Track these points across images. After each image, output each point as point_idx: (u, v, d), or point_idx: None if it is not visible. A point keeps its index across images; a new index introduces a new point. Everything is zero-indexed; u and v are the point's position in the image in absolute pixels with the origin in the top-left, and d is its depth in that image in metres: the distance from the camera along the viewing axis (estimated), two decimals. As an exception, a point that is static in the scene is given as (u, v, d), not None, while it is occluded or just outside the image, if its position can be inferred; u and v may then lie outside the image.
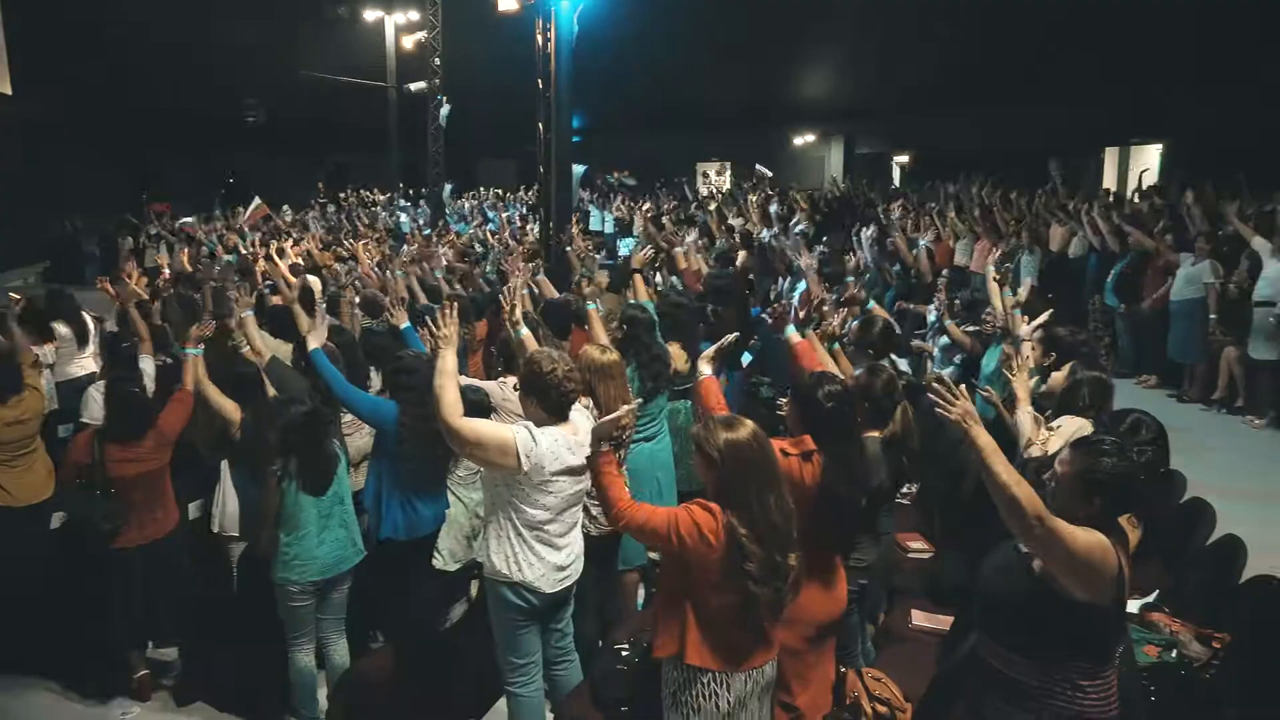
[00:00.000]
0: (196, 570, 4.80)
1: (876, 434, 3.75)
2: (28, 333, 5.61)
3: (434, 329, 3.56)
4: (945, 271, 8.69)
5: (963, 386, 2.81)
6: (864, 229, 11.14)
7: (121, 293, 6.49)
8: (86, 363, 6.53)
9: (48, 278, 17.77)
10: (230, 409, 4.48)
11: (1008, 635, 2.61)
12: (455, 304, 3.83)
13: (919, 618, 4.16)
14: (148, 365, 5.49)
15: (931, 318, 7.17)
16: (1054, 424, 3.93)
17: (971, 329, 6.25)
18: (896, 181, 22.69)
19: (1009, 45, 16.92)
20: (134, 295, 6.43)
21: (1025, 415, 4.00)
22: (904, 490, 5.13)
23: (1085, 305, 9.83)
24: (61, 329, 6.53)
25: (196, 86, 19.73)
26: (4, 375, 4.71)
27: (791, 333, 4.41)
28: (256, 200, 15.39)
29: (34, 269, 19.59)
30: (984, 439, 2.52)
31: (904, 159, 23.99)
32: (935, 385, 2.69)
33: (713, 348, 3.82)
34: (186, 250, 11.30)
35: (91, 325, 6.67)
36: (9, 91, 15.80)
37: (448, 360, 3.38)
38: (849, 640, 3.85)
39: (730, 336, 3.99)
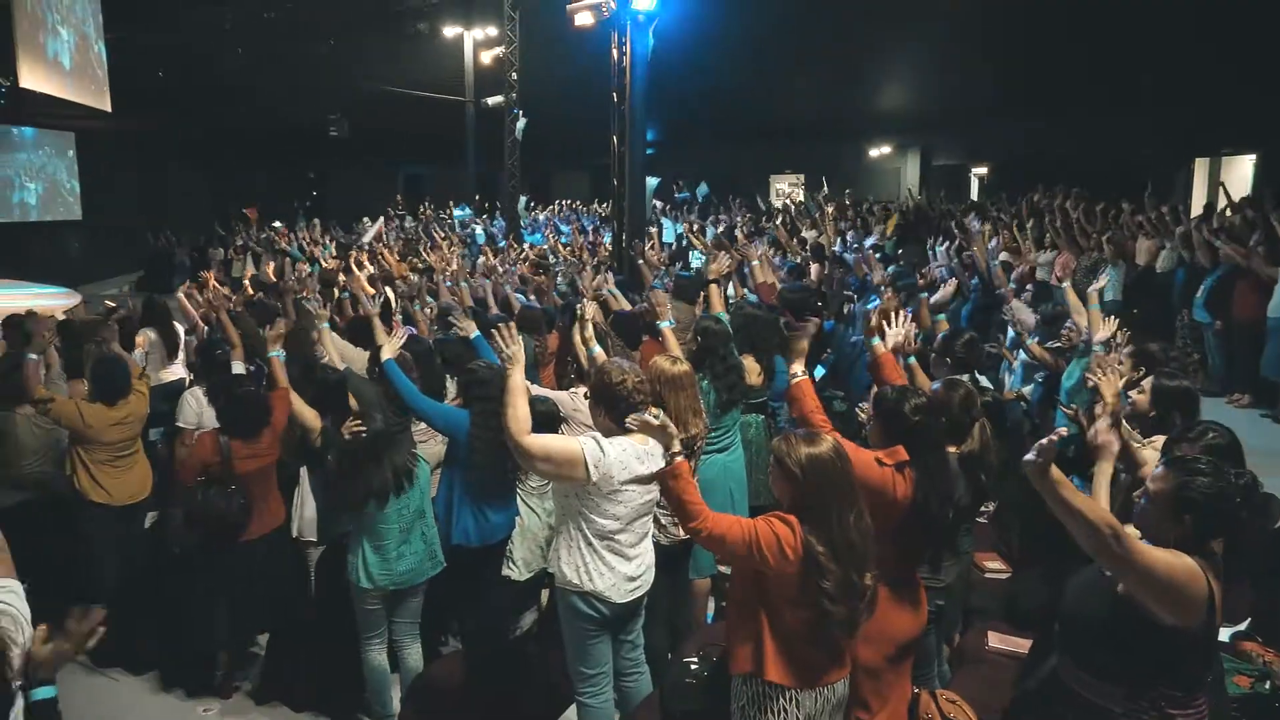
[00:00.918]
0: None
1: (953, 450, 3.68)
2: (121, 340, 5.86)
3: (500, 346, 3.61)
4: (1029, 286, 8.49)
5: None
6: (941, 242, 10.95)
7: (211, 299, 6.73)
8: (176, 369, 6.75)
9: (141, 287, 18.51)
10: (311, 416, 4.60)
11: (1092, 659, 2.53)
12: (515, 323, 3.89)
13: (996, 640, 4.06)
14: (238, 369, 5.68)
15: (1010, 334, 7.01)
16: (1148, 441, 3.81)
17: (1053, 345, 6.09)
18: (975, 194, 22.27)
19: (1093, 53, 16.49)
20: (224, 302, 6.66)
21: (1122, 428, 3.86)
22: (982, 509, 5.02)
23: (1173, 321, 9.52)
24: (152, 336, 6.78)
25: (282, 101, 20.37)
26: (112, 378, 4.91)
27: (877, 343, 4.36)
28: (380, 221, 15.96)
29: (129, 278, 20.42)
30: (1056, 471, 2.45)
31: (983, 170, 23.53)
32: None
33: (802, 334, 3.76)
34: (272, 262, 11.64)
35: (181, 333, 6.90)
36: (108, 109, 16.50)
37: (515, 377, 3.45)
38: (925, 660, 3.78)
39: (812, 325, 3.92)
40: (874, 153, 25.20)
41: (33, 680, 2.29)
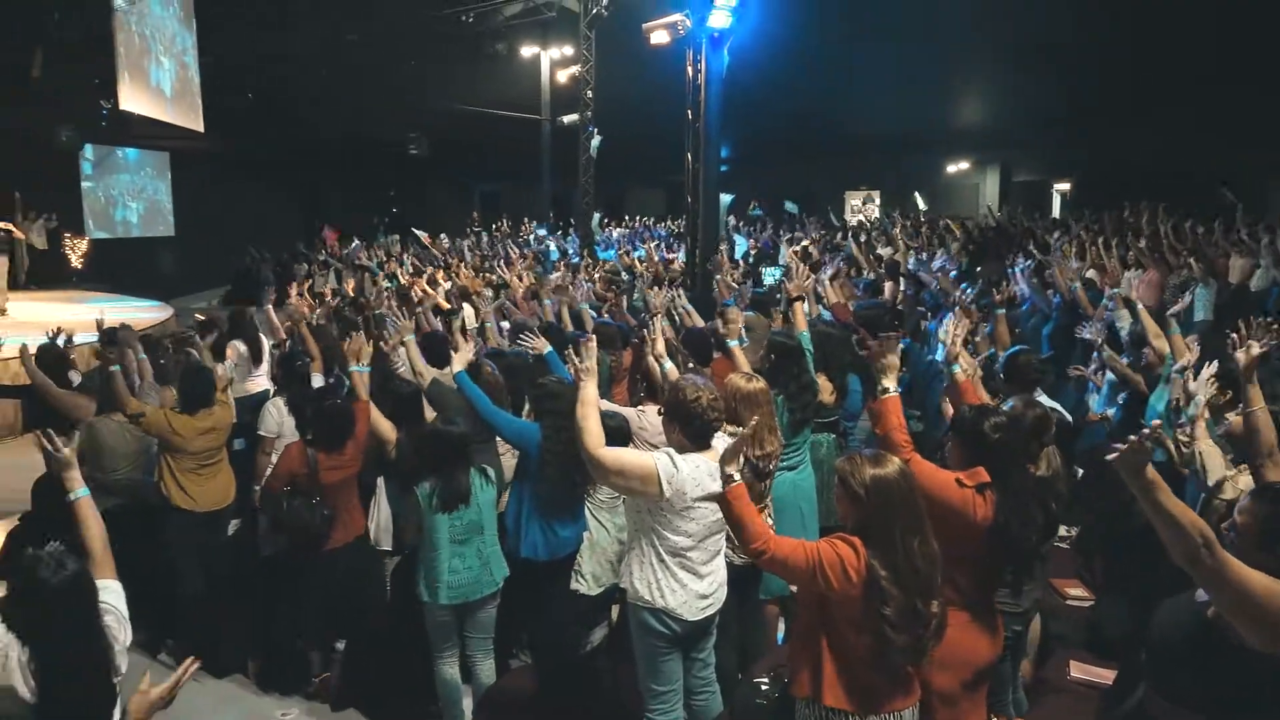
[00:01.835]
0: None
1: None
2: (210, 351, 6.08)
3: (575, 360, 3.64)
4: (1108, 304, 8.23)
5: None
6: (1021, 260, 10.70)
7: (294, 313, 6.93)
8: (261, 381, 6.95)
9: (228, 301, 19.15)
10: (387, 428, 4.70)
11: (1180, 689, 2.43)
12: (594, 338, 3.91)
13: (1078, 669, 3.95)
14: (317, 382, 5.83)
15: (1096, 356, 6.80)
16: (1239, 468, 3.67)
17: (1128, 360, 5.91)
18: (1057, 210, 21.74)
19: (1183, 62, 16.00)
20: (304, 316, 6.85)
21: (1211, 449, 3.73)
22: (1063, 534, 4.88)
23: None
24: (240, 349, 7.00)
25: (365, 120, 20.93)
26: (198, 388, 5.08)
27: (957, 369, 4.26)
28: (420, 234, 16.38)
29: (217, 292, 21.15)
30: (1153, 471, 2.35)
31: (1065, 186, 22.97)
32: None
33: (888, 347, 3.68)
34: (352, 279, 11.93)
35: (267, 346, 7.11)
36: (201, 129, 17.16)
37: (589, 391, 3.46)
38: (999, 687, 3.68)
39: (895, 339, 3.84)
40: (952, 168, 24.82)
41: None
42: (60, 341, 6.21)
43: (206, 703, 4.75)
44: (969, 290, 7.31)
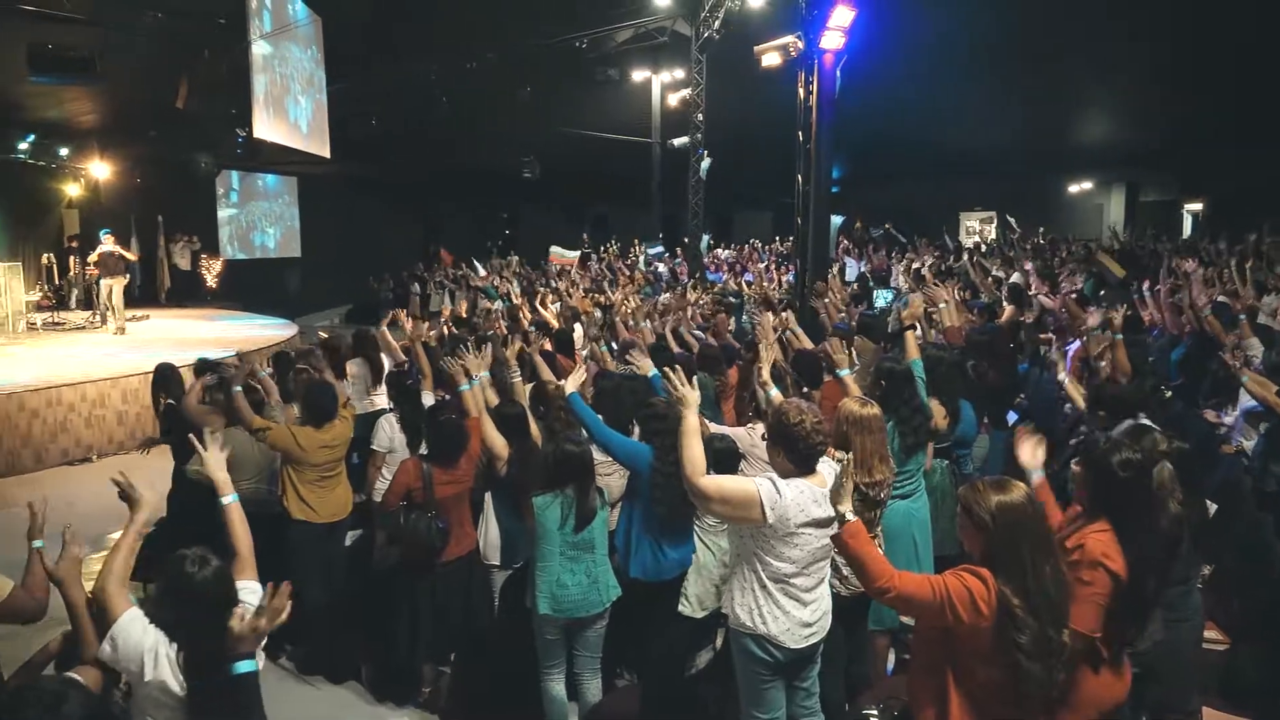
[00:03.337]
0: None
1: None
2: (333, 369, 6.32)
3: (673, 390, 3.63)
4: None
5: None
6: (1150, 284, 10.23)
7: (411, 333, 7.15)
8: (379, 399, 7.19)
9: (350, 319, 19.95)
10: (500, 445, 4.78)
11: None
12: (695, 361, 3.90)
13: (1211, 716, 3.72)
14: (428, 399, 5.99)
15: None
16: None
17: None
18: (1187, 232, 20.71)
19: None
20: (419, 335, 7.06)
21: None
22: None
23: None
24: (360, 367, 7.25)
25: (481, 145, 21.54)
26: (322, 403, 5.29)
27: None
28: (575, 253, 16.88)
29: (339, 311, 22.07)
30: None
31: (1197, 206, 21.86)
32: None
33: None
34: (465, 300, 12.25)
35: (387, 364, 7.35)
36: (327, 154, 17.99)
37: (689, 420, 3.45)
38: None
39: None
40: (1074, 188, 23.95)
41: (234, 655, 2.48)
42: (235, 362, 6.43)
43: (323, 708, 4.91)
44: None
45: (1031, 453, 3.51)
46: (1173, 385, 5.97)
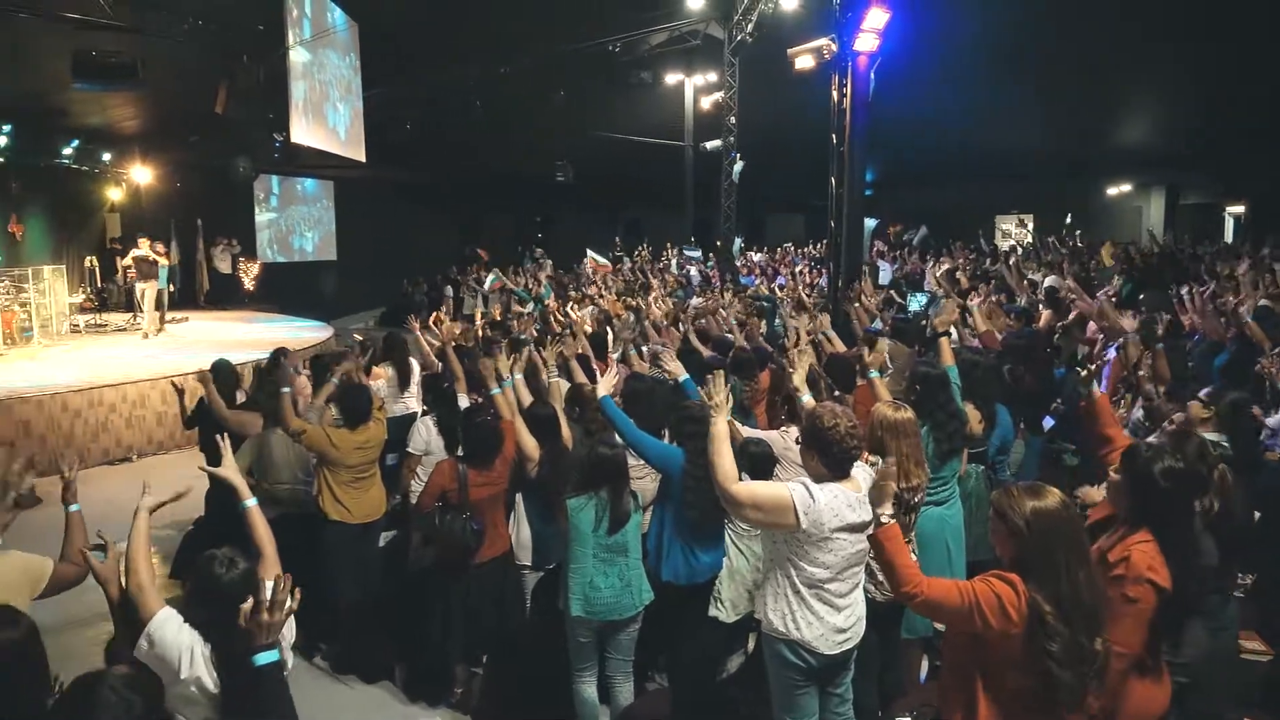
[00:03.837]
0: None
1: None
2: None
3: (705, 395, 3.63)
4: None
5: None
6: (1189, 288, 10.06)
7: (444, 335, 7.19)
8: (410, 402, 7.23)
9: (383, 322, 20.10)
10: (532, 446, 4.80)
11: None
12: (726, 365, 3.89)
13: (1253, 730, 3.65)
14: (463, 402, 6.03)
15: None
16: None
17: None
18: (1229, 235, 20.34)
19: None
20: (452, 338, 7.10)
21: None
22: (1241, 580, 4.53)
23: None
24: (388, 371, 7.29)
25: (515, 149, 21.65)
26: (357, 404, 5.35)
27: (1095, 386, 4.02)
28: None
29: (373, 314, 22.27)
30: None
31: (1239, 209, 21.45)
32: None
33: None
34: (498, 304, 12.30)
35: (416, 368, 7.39)
36: (363, 159, 18.17)
37: (719, 426, 3.44)
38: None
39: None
40: (1112, 190, 23.62)
41: (256, 647, 2.51)
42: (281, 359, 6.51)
43: (355, 708, 4.95)
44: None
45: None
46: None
